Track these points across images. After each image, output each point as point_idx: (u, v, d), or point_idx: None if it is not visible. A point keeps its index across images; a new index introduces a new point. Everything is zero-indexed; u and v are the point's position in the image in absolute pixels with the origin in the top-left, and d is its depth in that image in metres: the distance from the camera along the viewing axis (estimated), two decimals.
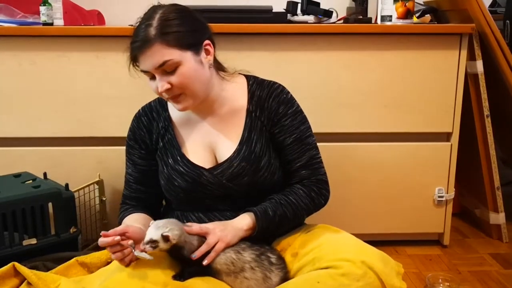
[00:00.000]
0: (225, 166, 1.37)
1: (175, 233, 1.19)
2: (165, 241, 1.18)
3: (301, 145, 1.40)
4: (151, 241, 1.17)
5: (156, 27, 1.23)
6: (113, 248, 1.18)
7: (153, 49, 1.23)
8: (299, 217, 1.41)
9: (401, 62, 1.91)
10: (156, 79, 1.27)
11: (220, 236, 1.25)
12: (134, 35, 1.26)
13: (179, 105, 1.32)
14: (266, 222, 1.31)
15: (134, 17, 1.31)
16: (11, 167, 1.85)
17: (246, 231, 1.30)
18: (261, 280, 1.24)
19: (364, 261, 1.21)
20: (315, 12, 2.07)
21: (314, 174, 1.41)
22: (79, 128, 1.91)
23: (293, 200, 1.36)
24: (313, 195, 1.39)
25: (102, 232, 1.19)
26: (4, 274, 1.39)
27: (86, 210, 1.91)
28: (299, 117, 1.41)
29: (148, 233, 1.18)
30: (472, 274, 1.86)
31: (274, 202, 1.35)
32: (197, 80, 1.29)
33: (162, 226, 1.19)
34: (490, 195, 2.10)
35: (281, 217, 1.34)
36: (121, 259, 1.18)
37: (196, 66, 1.28)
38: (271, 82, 1.43)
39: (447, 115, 1.95)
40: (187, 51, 1.26)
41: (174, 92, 1.28)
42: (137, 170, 1.46)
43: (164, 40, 1.23)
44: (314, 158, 1.41)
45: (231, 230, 1.28)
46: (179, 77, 1.26)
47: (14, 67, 1.86)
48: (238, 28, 1.83)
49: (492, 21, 1.95)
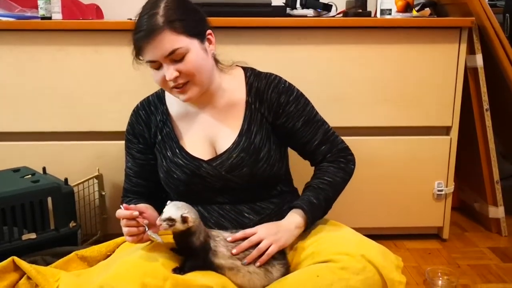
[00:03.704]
0: (224, 157, 1.37)
1: (193, 216, 1.20)
2: (183, 222, 1.18)
3: (312, 124, 1.43)
4: (169, 219, 1.17)
5: (163, 15, 1.23)
6: (128, 222, 1.22)
7: (162, 37, 1.23)
8: (339, 191, 1.44)
9: (400, 56, 1.90)
10: (164, 68, 1.26)
11: (273, 240, 1.26)
12: (138, 26, 1.26)
13: (184, 95, 1.31)
14: (315, 212, 1.34)
15: (132, 11, 1.31)
16: (10, 162, 1.85)
17: (299, 228, 1.32)
18: (262, 274, 1.25)
19: (363, 255, 1.21)
20: (314, 6, 2.06)
21: (333, 145, 1.45)
22: (78, 123, 1.90)
23: (329, 179, 1.40)
24: (342, 165, 1.43)
25: (123, 205, 1.23)
26: (4, 269, 1.38)
27: (86, 205, 1.91)
28: (302, 101, 1.43)
29: (167, 211, 1.18)
30: (471, 267, 1.87)
31: (313, 188, 1.38)
32: (204, 68, 1.30)
33: (182, 207, 1.20)
34: (490, 189, 2.11)
35: (325, 201, 1.37)
36: (132, 235, 1.21)
37: (202, 54, 1.29)
38: (268, 74, 1.44)
39: (447, 109, 1.95)
40: (194, 39, 1.28)
41: (181, 80, 1.28)
42: (137, 164, 1.46)
43: (172, 27, 1.23)
44: (328, 132, 1.45)
45: (284, 233, 1.29)
46: (187, 65, 1.26)
47: (12, 61, 1.85)
48: (237, 22, 1.82)
49: (492, 14, 1.94)
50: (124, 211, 1.22)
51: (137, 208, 1.24)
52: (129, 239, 1.24)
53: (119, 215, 1.23)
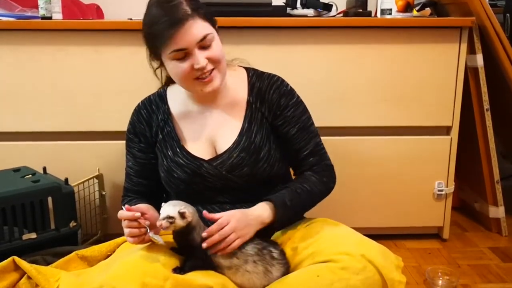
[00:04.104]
0: (224, 157, 1.37)
1: (190, 211, 1.21)
2: (182, 217, 1.19)
3: (306, 134, 1.42)
4: (168, 217, 1.18)
5: (188, 4, 1.25)
6: (130, 223, 1.22)
7: (193, 23, 1.24)
8: (314, 203, 1.43)
9: (401, 56, 1.90)
10: (194, 55, 1.26)
11: (235, 226, 1.24)
12: (158, 16, 1.24)
13: (210, 85, 1.30)
14: (285, 214, 1.32)
15: (132, 11, 1.31)
16: (10, 162, 1.85)
17: (263, 225, 1.31)
18: (261, 273, 1.25)
19: (363, 255, 1.21)
20: (314, 5, 2.06)
21: (321, 159, 1.44)
22: (78, 122, 1.91)
23: (308, 187, 1.38)
24: (325, 180, 1.43)
25: (126, 206, 1.23)
26: (4, 269, 1.39)
27: (86, 205, 1.91)
28: (300, 107, 1.43)
29: (164, 210, 1.20)
30: (472, 267, 1.86)
31: (291, 190, 1.36)
32: (224, 57, 1.32)
33: (177, 205, 1.21)
34: (490, 189, 2.11)
35: (298, 205, 1.36)
36: (134, 236, 1.21)
37: (221, 43, 1.32)
38: (270, 75, 1.44)
39: (447, 109, 1.95)
40: (214, 28, 1.30)
41: (209, 67, 1.28)
42: (137, 163, 1.46)
43: (201, 14, 1.26)
44: (319, 145, 1.45)
45: (250, 228, 1.27)
46: (215, 51, 1.28)
47: (12, 61, 1.85)
48: (238, 22, 1.82)
49: (492, 14, 1.94)
50: (126, 212, 1.22)
51: (139, 209, 1.24)
52: (130, 240, 1.24)
53: (121, 216, 1.23)
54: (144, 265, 1.18)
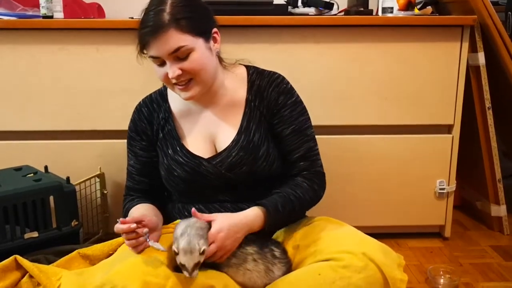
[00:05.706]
0: (223, 155, 1.37)
1: (204, 244, 1.16)
2: (202, 254, 1.16)
3: (300, 136, 1.40)
4: (195, 264, 1.14)
5: (170, 12, 1.23)
6: (128, 235, 1.19)
7: (168, 34, 1.23)
8: (304, 210, 1.42)
9: (402, 54, 1.90)
10: (167, 65, 1.26)
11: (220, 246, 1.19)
12: (144, 21, 1.26)
13: (186, 93, 1.31)
14: (276, 219, 1.30)
15: (134, 9, 1.31)
16: (12, 161, 1.85)
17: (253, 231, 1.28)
18: (263, 272, 1.25)
19: (365, 253, 1.21)
20: (316, 4, 2.05)
21: (312, 166, 1.41)
22: (79, 121, 1.91)
23: (300, 194, 1.36)
24: (315, 187, 1.40)
25: (120, 219, 1.20)
26: (6, 267, 1.39)
27: (88, 204, 1.91)
28: (298, 108, 1.41)
29: (187, 259, 1.15)
30: (473, 266, 1.86)
31: (283, 196, 1.33)
32: (207, 67, 1.30)
33: (194, 237, 1.16)
34: (492, 187, 2.10)
35: (289, 212, 1.33)
36: (134, 246, 1.20)
37: (206, 53, 1.29)
38: (271, 72, 1.43)
39: (449, 107, 1.95)
40: (199, 38, 1.27)
41: (184, 78, 1.27)
42: (139, 162, 1.46)
43: (178, 25, 1.23)
44: (312, 150, 1.42)
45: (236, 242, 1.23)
46: (191, 64, 1.26)
47: (13, 60, 1.85)
48: (239, 21, 1.82)
49: (494, 12, 1.94)
50: (122, 226, 1.19)
51: (134, 219, 1.20)
52: (131, 249, 1.22)
53: (117, 231, 1.20)
54: (145, 264, 1.17)
